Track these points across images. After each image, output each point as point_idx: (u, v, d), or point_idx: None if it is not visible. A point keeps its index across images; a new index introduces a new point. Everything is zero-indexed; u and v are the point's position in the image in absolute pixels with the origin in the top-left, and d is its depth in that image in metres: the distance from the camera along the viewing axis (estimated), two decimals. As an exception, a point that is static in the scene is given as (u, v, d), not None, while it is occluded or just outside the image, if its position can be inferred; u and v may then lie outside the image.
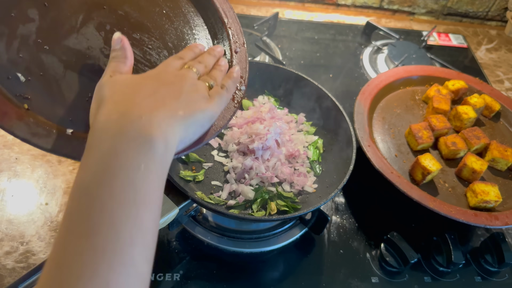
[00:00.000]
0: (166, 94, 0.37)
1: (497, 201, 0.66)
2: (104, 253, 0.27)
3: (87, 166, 0.31)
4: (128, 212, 0.29)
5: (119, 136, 0.31)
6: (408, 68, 0.89)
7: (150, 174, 0.31)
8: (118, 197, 0.29)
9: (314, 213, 0.62)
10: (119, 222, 0.28)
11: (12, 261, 0.56)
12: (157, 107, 0.35)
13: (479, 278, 0.65)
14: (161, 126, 0.33)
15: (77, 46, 0.42)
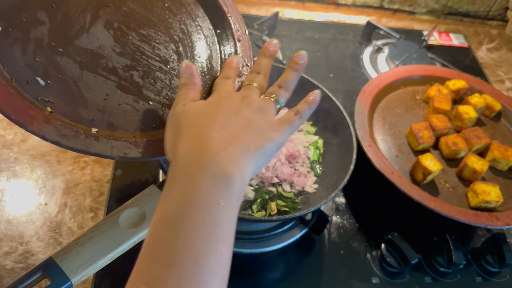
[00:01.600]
0: (237, 125, 0.38)
1: (498, 201, 0.66)
2: (189, 283, 0.29)
3: (170, 198, 0.33)
4: (209, 245, 0.31)
5: (201, 172, 0.33)
6: (409, 68, 0.89)
7: (229, 209, 0.33)
8: (201, 230, 0.31)
9: (314, 213, 0.62)
10: (202, 255, 0.30)
11: (11, 261, 0.56)
12: (231, 142, 0.36)
13: (480, 278, 0.65)
14: (237, 163, 0.35)
15: (89, 46, 0.43)
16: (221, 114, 0.38)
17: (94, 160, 0.69)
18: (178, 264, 0.29)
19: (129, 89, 0.44)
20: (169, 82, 0.47)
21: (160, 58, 0.46)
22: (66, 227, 0.61)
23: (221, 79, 0.44)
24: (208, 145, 0.35)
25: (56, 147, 0.69)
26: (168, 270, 0.29)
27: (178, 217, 0.31)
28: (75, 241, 0.43)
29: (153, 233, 0.32)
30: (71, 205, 0.63)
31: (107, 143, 0.40)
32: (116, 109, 0.43)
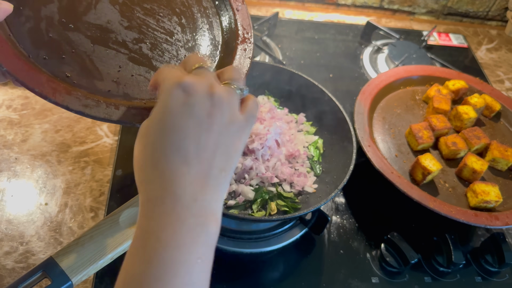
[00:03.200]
0: (207, 145, 0.32)
1: (498, 201, 0.66)
2: None
3: (145, 256, 0.29)
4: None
5: (178, 226, 0.30)
6: (408, 68, 0.89)
7: (207, 264, 0.31)
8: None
9: (314, 213, 0.62)
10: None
11: (11, 261, 0.56)
12: (204, 178, 0.32)
13: (479, 278, 0.65)
14: (213, 209, 0.32)
15: (97, 21, 0.45)
16: (189, 131, 0.32)
17: (95, 160, 0.69)
18: None
19: (139, 61, 0.46)
20: (176, 53, 0.48)
21: (165, 30, 0.48)
22: (67, 227, 0.61)
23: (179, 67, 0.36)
24: (181, 189, 0.31)
25: (56, 147, 0.69)
26: None
27: (154, 282, 0.28)
28: (76, 240, 0.43)
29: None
30: (72, 205, 0.63)
31: (127, 111, 0.41)
32: (130, 80, 0.44)
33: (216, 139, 0.33)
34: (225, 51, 0.52)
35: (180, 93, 0.32)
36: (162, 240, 0.29)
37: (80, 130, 0.72)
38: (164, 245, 0.29)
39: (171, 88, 0.32)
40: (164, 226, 0.30)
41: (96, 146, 0.71)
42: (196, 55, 0.39)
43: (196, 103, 0.32)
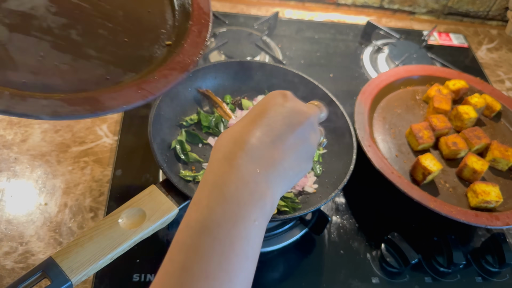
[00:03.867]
0: (290, 145, 0.36)
1: (498, 201, 0.66)
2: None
3: (209, 205, 0.32)
4: (241, 263, 0.30)
5: (241, 185, 0.32)
6: (409, 68, 0.89)
7: (260, 230, 0.33)
8: (236, 246, 0.30)
9: (314, 213, 0.62)
10: (234, 272, 0.30)
11: (11, 261, 0.56)
12: (274, 162, 0.35)
13: (480, 278, 0.65)
14: (272, 186, 0.34)
15: (19, 8, 0.41)
16: (278, 122, 0.37)
17: (94, 160, 0.69)
18: (212, 278, 0.29)
19: (66, 47, 0.42)
20: (113, 38, 0.44)
21: (103, 14, 0.44)
22: (66, 227, 0.61)
23: None
24: (250, 156, 0.34)
25: (56, 147, 0.69)
26: (200, 282, 0.28)
27: (216, 227, 0.30)
28: (75, 241, 0.43)
29: (186, 238, 0.31)
30: (71, 205, 0.63)
31: (36, 102, 0.36)
32: (52, 69, 0.40)
33: (297, 144, 0.37)
34: (177, 33, 0.47)
35: (280, 96, 0.39)
36: (225, 194, 0.32)
37: (80, 130, 0.72)
38: (226, 199, 0.32)
39: (275, 92, 0.40)
40: (228, 183, 0.32)
41: (96, 146, 0.70)
42: None
43: (291, 108, 0.38)
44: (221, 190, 0.32)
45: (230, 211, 0.31)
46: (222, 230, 0.30)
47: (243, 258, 0.31)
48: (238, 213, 0.31)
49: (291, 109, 0.38)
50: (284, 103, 0.38)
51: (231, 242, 0.30)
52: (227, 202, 0.31)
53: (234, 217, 0.31)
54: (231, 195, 0.32)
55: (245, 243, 0.31)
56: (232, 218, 0.31)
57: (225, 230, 0.30)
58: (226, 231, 0.30)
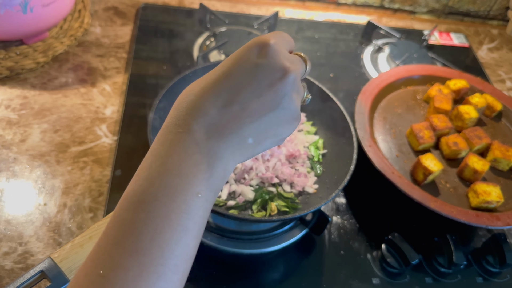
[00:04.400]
0: (253, 111, 0.32)
1: (499, 201, 0.66)
2: (148, 275, 0.27)
3: (148, 176, 0.30)
4: (178, 238, 0.29)
5: (184, 157, 0.30)
6: (409, 68, 0.88)
7: (205, 203, 0.31)
8: (172, 220, 0.29)
9: (314, 213, 0.62)
10: (168, 247, 0.28)
11: (10, 261, 0.56)
12: (228, 133, 0.32)
13: (480, 279, 0.64)
14: (224, 156, 0.32)
15: None
16: (242, 85, 0.32)
17: (94, 160, 0.68)
18: (142, 254, 0.27)
19: None
20: None
21: None
22: (66, 227, 0.60)
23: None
24: (198, 125, 0.31)
25: (55, 147, 0.69)
26: (131, 257, 0.27)
27: (152, 200, 0.29)
28: (75, 241, 0.43)
29: (121, 212, 0.29)
30: (71, 206, 0.63)
31: None
32: None
33: (263, 110, 0.32)
34: None
35: (256, 50, 0.33)
36: (166, 166, 0.30)
37: (79, 130, 0.72)
38: (167, 170, 0.30)
39: (253, 43, 0.33)
40: (171, 153, 0.31)
41: (95, 146, 0.70)
42: None
43: (265, 66, 0.32)
44: (163, 161, 0.30)
45: (168, 184, 0.29)
46: (158, 203, 0.29)
47: (181, 232, 0.29)
48: (177, 186, 0.29)
49: (265, 67, 0.32)
50: (258, 59, 0.32)
51: (167, 216, 0.29)
52: (167, 173, 0.30)
53: (172, 190, 0.29)
54: (173, 166, 0.30)
55: (184, 216, 0.29)
56: (171, 191, 0.29)
57: (162, 204, 0.29)
58: (162, 205, 0.29)
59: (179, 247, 0.29)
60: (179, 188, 0.30)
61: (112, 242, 0.28)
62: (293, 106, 0.34)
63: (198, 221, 0.30)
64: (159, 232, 0.28)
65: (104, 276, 0.27)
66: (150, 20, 0.94)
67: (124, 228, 0.29)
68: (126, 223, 0.29)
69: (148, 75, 0.83)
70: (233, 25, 0.96)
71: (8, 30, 0.75)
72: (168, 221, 0.29)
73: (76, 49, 0.85)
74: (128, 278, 0.27)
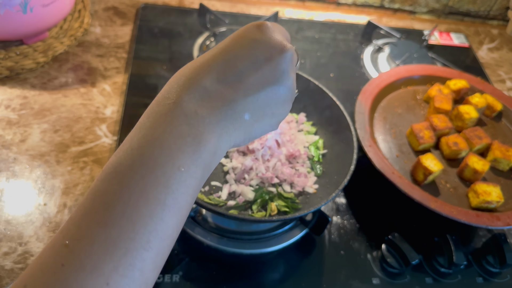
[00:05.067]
0: (250, 84, 0.31)
1: (499, 201, 0.66)
2: (115, 249, 0.25)
3: (128, 148, 0.28)
4: (153, 212, 0.27)
5: (169, 128, 0.28)
6: (410, 68, 0.88)
7: (189, 178, 0.29)
8: (148, 194, 0.27)
9: (314, 214, 0.62)
10: (140, 220, 0.26)
11: (10, 262, 0.56)
12: (222, 103, 0.30)
13: (480, 279, 0.64)
14: (216, 130, 0.30)
15: None
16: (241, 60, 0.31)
17: (94, 160, 0.68)
18: (111, 226, 0.25)
19: None
20: None
21: None
22: (66, 227, 0.60)
23: None
24: (188, 96, 0.30)
25: (55, 147, 0.69)
26: (98, 229, 0.25)
27: (128, 171, 0.27)
28: (74, 242, 0.42)
29: (98, 182, 0.28)
30: (71, 206, 0.63)
31: None
32: None
33: (261, 84, 0.31)
34: None
35: (255, 28, 0.32)
36: (148, 137, 0.28)
37: (79, 130, 0.72)
38: (148, 142, 0.28)
39: (251, 23, 0.33)
40: (156, 125, 0.29)
41: (95, 146, 0.70)
42: None
43: (262, 41, 0.32)
44: (146, 132, 0.29)
45: (148, 155, 0.27)
46: (134, 175, 0.27)
47: (157, 206, 0.27)
48: (158, 157, 0.27)
49: (263, 42, 0.32)
50: (256, 36, 0.32)
51: (143, 189, 0.27)
52: (147, 145, 0.28)
53: (152, 161, 0.27)
54: (155, 137, 0.28)
55: (161, 190, 0.27)
56: (150, 162, 0.27)
57: (138, 176, 0.27)
58: (139, 177, 0.27)
59: (153, 223, 0.27)
60: (159, 160, 0.28)
61: (82, 213, 0.27)
62: (290, 83, 0.33)
63: (179, 198, 0.28)
64: (132, 205, 0.26)
65: (69, 246, 0.25)
66: (150, 20, 0.94)
67: (96, 199, 0.27)
68: (99, 194, 0.27)
69: (148, 75, 0.82)
70: (233, 25, 0.96)
71: (8, 30, 0.75)
72: (143, 194, 0.27)
73: (76, 49, 0.85)
74: (93, 250, 0.25)
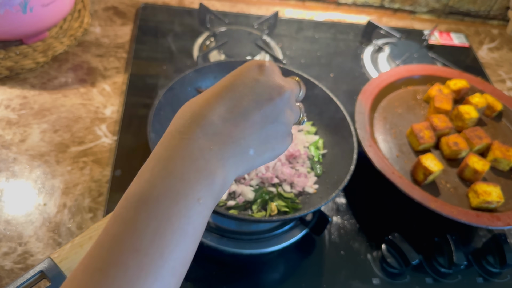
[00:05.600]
0: (254, 122, 0.34)
1: (499, 201, 0.66)
2: (148, 275, 0.27)
3: (150, 179, 0.30)
4: (178, 241, 0.29)
5: (188, 162, 0.31)
6: (410, 68, 0.88)
7: (205, 209, 0.31)
8: (173, 223, 0.29)
9: (314, 214, 0.62)
10: (168, 249, 0.28)
11: (10, 262, 0.56)
12: (231, 140, 0.33)
13: (481, 279, 0.64)
14: (225, 165, 0.32)
15: None
16: (246, 97, 0.34)
17: (93, 160, 0.68)
18: (143, 253, 0.27)
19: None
20: None
21: None
22: (65, 227, 0.60)
23: None
24: (203, 132, 0.32)
25: (55, 147, 0.69)
26: (131, 256, 0.27)
27: (154, 202, 0.29)
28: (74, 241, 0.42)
29: (123, 210, 0.30)
30: (70, 206, 0.63)
31: None
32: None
33: (264, 122, 0.34)
34: None
35: (256, 68, 0.36)
36: (169, 169, 0.30)
37: (79, 130, 0.72)
38: (170, 173, 0.30)
39: (251, 63, 0.37)
40: (175, 157, 0.31)
41: (95, 146, 0.70)
42: None
43: (264, 82, 0.35)
44: (166, 164, 0.31)
45: (171, 187, 0.30)
46: (160, 205, 0.29)
47: (180, 235, 0.29)
48: (180, 189, 0.30)
49: (264, 83, 0.35)
50: (258, 76, 0.35)
51: (168, 219, 0.29)
52: (169, 177, 0.30)
53: (175, 193, 0.30)
54: (176, 170, 0.30)
55: (184, 220, 0.29)
56: (173, 194, 0.30)
57: (163, 206, 0.29)
58: (164, 207, 0.29)
59: (178, 250, 0.29)
60: (181, 192, 0.30)
61: (113, 239, 0.28)
62: (287, 121, 0.36)
63: (197, 227, 0.31)
64: (160, 233, 0.28)
65: (104, 271, 0.27)
66: (150, 20, 0.94)
67: (125, 226, 0.29)
68: (127, 222, 0.29)
69: (148, 75, 0.82)
70: (233, 25, 0.96)
71: (8, 30, 0.75)
72: (169, 223, 0.29)
73: (76, 49, 0.85)
74: (127, 276, 0.27)
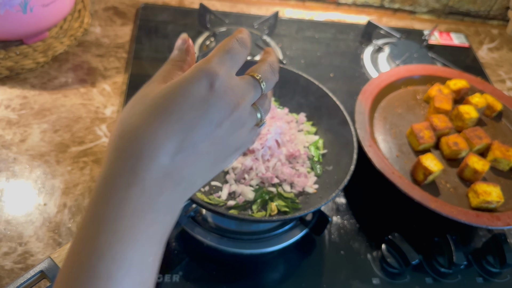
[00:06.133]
0: (202, 153, 0.30)
1: (499, 201, 0.66)
2: None
3: (95, 246, 0.26)
4: None
5: (137, 220, 0.27)
6: (410, 68, 0.88)
7: (157, 261, 0.29)
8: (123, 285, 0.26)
9: (314, 214, 0.62)
10: None
11: (10, 262, 0.56)
12: (182, 179, 0.29)
13: (480, 279, 0.64)
14: (175, 206, 0.30)
15: None
16: (194, 126, 0.29)
17: (93, 160, 0.68)
18: None
19: None
20: None
21: None
22: (66, 227, 0.60)
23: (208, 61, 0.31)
24: (151, 179, 0.28)
25: (55, 147, 0.69)
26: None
27: (106, 279, 0.26)
28: (74, 242, 0.43)
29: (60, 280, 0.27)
30: (70, 206, 0.63)
31: None
32: None
33: (212, 149, 0.31)
34: None
35: (203, 86, 0.30)
36: (117, 234, 0.26)
37: (79, 130, 0.72)
38: (119, 240, 0.26)
39: (199, 74, 0.30)
40: (122, 218, 0.27)
41: (95, 146, 0.70)
42: None
43: (213, 104, 0.30)
44: (113, 229, 0.26)
45: (122, 258, 0.26)
46: (112, 282, 0.26)
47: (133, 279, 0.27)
48: (132, 257, 0.27)
49: (214, 105, 0.30)
50: (207, 96, 0.30)
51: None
52: (120, 245, 0.26)
53: (127, 263, 0.26)
54: (124, 236, 0.26)
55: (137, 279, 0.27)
56: (125, 265, 0.26)
57: (116, 281, 0.26)
58: (116, 282, 0.26)
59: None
60: (134, 260, 0.27)
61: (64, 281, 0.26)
62: (237, 142, 0.34)
63: (152, 279, 0.28)
64: None
65: None
66: (150, 20, 0.94)
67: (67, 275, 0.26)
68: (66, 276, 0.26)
69: (148, 75, 0.82)
70: (233, 25, 0.96)
71: (8, 30, 0.75)
72: None
73: (76, 49, 0.85)
74: None
